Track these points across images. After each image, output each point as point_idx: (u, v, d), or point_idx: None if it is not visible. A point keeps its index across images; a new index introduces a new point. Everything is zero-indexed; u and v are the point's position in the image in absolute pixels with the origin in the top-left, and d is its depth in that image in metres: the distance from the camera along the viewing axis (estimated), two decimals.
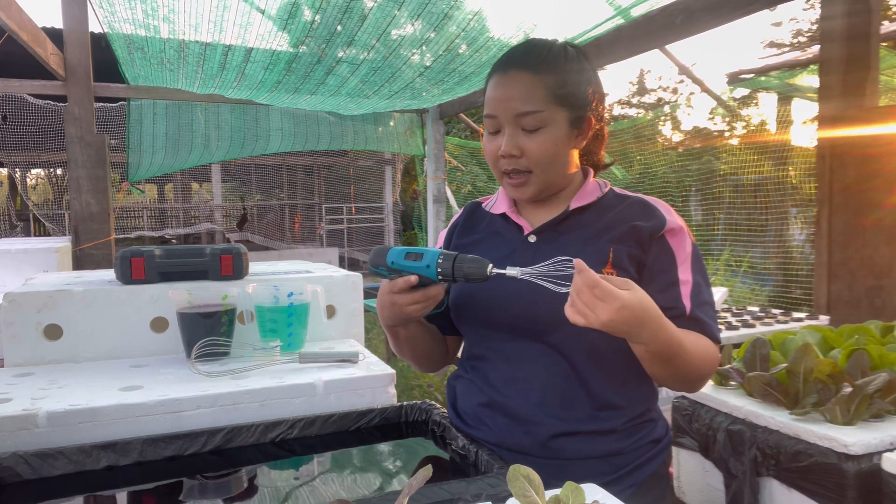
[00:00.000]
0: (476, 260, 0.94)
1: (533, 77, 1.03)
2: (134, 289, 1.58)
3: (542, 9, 3.16)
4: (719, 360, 1.07)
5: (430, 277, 0.98)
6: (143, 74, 3.97)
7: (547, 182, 1.07)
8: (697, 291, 1.04)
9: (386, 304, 1.05)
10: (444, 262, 0.96)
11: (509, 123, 1.04)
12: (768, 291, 5.31)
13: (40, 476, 1.01)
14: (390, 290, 1.03)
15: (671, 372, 0.98)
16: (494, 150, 1.07)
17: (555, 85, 1.04)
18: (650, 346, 0.92)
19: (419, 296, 1.01)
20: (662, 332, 0.92)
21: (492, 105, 1.06)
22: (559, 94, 1.04)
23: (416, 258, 0.99)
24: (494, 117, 1.06)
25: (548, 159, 1.05)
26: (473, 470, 1.00)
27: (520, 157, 1.04)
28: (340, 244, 13.10)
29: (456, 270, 0.95)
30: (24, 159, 10.83)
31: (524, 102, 1.03)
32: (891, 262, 2.06)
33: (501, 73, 1.06)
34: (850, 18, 2.18)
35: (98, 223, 3.94)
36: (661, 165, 6.92)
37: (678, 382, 1.02)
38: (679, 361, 0.96)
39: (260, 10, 3.13)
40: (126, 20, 3.06)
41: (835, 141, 2.22)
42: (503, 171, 1.08)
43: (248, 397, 1.27)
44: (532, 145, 1.03)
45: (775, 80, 6.10)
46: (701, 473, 1.54)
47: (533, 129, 1.03)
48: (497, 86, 1.06)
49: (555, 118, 1.04)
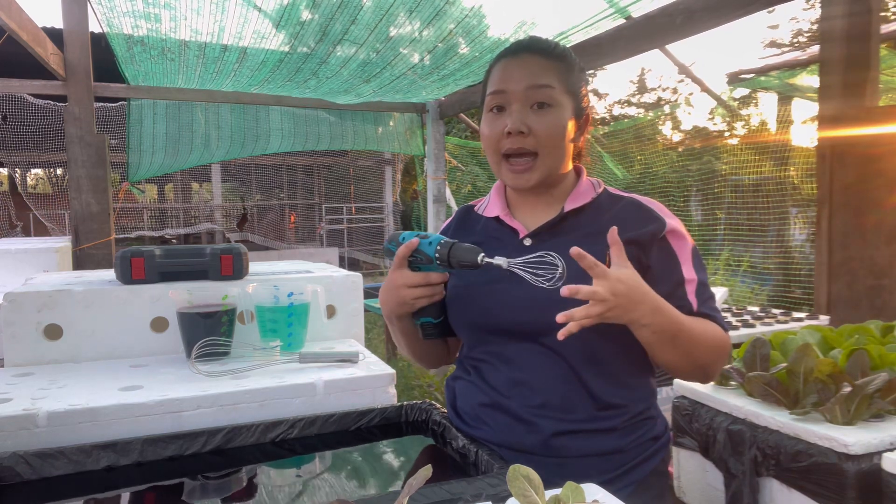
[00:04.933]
0: (470, 248, 0.98)
1: (545, 60, 1.05)
2: (134, 289, 1.58)
3: (542, 7, 3.17)
4: (730, 348, 1.07)
5: (430, 255, 1.02)
6: (143, 71, 3.97)
7: (550, 169, 1.06)
8: (702, 289, 1.05)
9: (389, 284, 1.07)
10: (443, 245, 1.00)
11: (519, 98, 1.03)
12: (768, 291, 5.31)
13: (40, 476, 1.01)
14: (392, 268, 1.06)
15: (680, 354, 0.97)
16: (498, 130, 1.05)
17: (565, 71, 1.05)
18: (653, 323, 0.91)
19: (419, 277, 1.03)
20: (661, 307, 0.93)
21: (501, 80, 1.05)
22: (568, 82, 1.05)
23: (423, 237, 1.05)
24: (503, 92, 1.04)
25: (554, 140, 1.04)
26: (473, 470, 1.00)
27: (527, 136, 1.03)
28: (340, 244, 13.10)
29: (451, 255, 0.99)
30: (24, 159, 10.84)
31: (538, 76, 1.03)
32: (891, 262, 2.06)
33: (511, 56, 1.06)
34: (850, 18, 2.18)
35: (98, 223, 3.94)
36: (662, 165, 6.92)
37: (691, 366, 1.01)
38: (685, 340, 0.96)
39: (257, 7, 3.13)
40: (126, 13, 3.06)
41: (835, 141, 2.22)
42: (505, 155, 1.06)
43: (248, 397, 1.27)
44: (540, 124, 1.03)
45: (775, 80, 6.10)
46: (701, 473, 1.54)
47: (542, 106, 1.03)
48: (507, 66, 1.06)
49: (563, 101, 1.04)
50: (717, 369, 1.05)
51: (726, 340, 1.04)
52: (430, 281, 1.04)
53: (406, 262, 1.05)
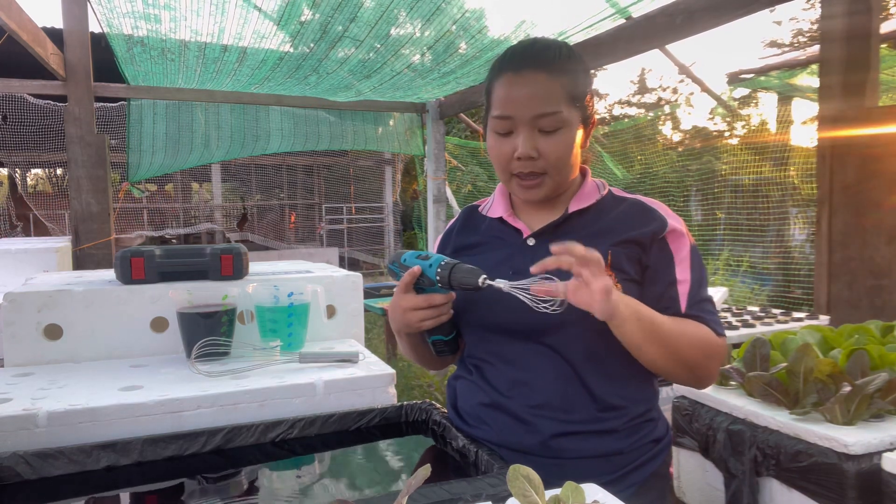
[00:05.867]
0: (471, 270, 0.97)
1: (549, 78, 1.02)
2: (134, 289, 1.58)
3: (542, 7, 3.17)
4: (724, 351, 1.05)
5: (431, 278, 1.02)
6: (143, 71, 3.97)
7: (559, 183, 1.07)
8: (695, 290, 1.04)
9: (395, 306, 1.08)
10: (443, 267, 1.00)
11: (526, 125, 1.02)
12: (768, 291, 5.31)
13: (40, 476, 1.01)
14: (397, 291, 1.07)
15: (661, 350, 0.97)
16: (508, 153, 1.04)
17: (569, 85, 1.03)
18: (625, 314, 0.92)
19: (422, 300, 1.04)
20: (627, 299, 0.94)
21: (506, 105, 1.03)
22: (573, 95, 1.03)
23: (424, 259, 1.05)
24: (509, 118, 1.03)
25: (563, 161, 1.04)
26: (473, 470, 1.00)
27: (536, 159, 1.03)
28: (340, 244, 13.09)
29: (452, 277, 0.99)
30: (24, 159, 10.83)
31: (543, 103, 1.01)
32: (891, 262, 2.06)
33: (513, 72, 1.03)
34: (850, 18, 2.18)
35: (98, 223, 3.94)
36: (662, 165, 6.93)
37: (677, 366, 1.00)
38: (663, 336, 0.96)
39: (257, 8, 3.13)
40: (126, 13, 3.06)
41: (835, 141, 2.22)
42: (514, 174, 1.06)
43: (248, 397, 1.27)
44: (549, 147, 1.02)
45: (775, 80, 6.10)
46: (701, 473, 1.54)
47: (550, 131, 1.02)
48: (510, 85, 1.03)
49: (570, 119, 1.03)
50: (707, 372, 1.03)
51: (716, 342, 1.02)
52: (434, 303, 1.04)
53: (410, 286, 1.05)
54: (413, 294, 1.05)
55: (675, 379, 1.04)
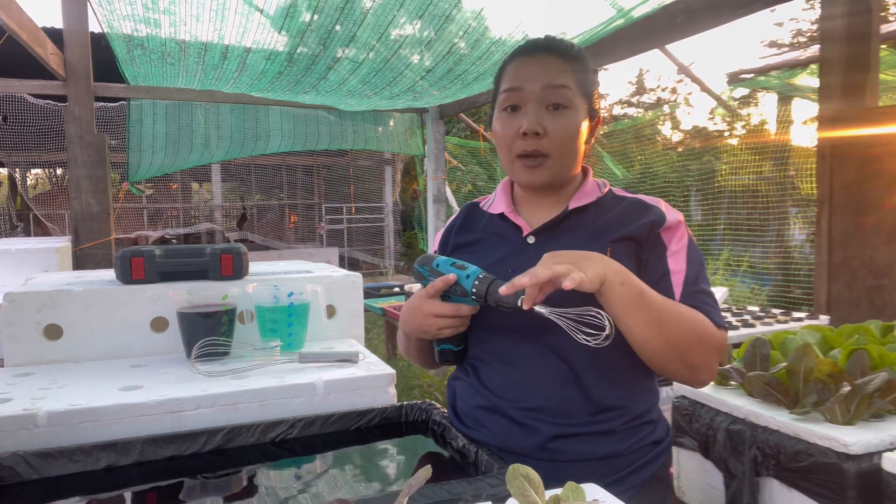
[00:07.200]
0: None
1: (561, 60, 1.04)
2: (134, 289, 1.58)
3: (543, 9, 3.17)
4: (723, 343, 1.02)
5: (466, 289, 0.99)
6: (143, 72, 3.97)
7: (561, 169, 1.06)
8: (691, 281, 1.02)
9: (416, 308, 1.06)
10: (482, 280, 0.97)
11: (534, 98, 1.03)
12: (768, 291, 5.31)
13: (40, 476, 1.01)
14: (425, 293, 1.04)
15: (653, 330, 0.93)
16: (513, 130, 1.04)
17: (580, 73, 1.05)
18: (606, 273, 0.90)
19: (449, 309, 1.02)
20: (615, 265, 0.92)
21: (516, 78, 1.04)
22: (583, 83, 1.05)
23: (461, 268, 1.01)
24: (519, 89, 1.03)
25: (568, 143, 1.04)
26: (473, 470, 1.00)
27: (541, 137, 1.03)
28: (340, 244, 13.09)
29: (489, 293, 0.95)
30: (24, 159, 10.83)
31: (554, 76, 1.02)
32: (891, 262, 2.06)
33: (527, 55, 1.05)
34: (850, 18, 2.18)
35: (98, 223, 3.94)
36: (662, 165, 6.93)
37: (670, 349, 0.95)
38: (650, 306, 0.93)
39: (258, 9, 3.13)
40: (126, 16, 3.06)
41: (835, 141, 2.22)
42: (518, 155, 1.06)
43: (248, 397, 1.27)
44: (555, 126, 1.02)
45: (775, 80, 6.10)
46: (701, 473, 1.54)
47: (558, 107, 1.02)
48: (522, 64, 1.05)
49: (578, 103, 1.04)
50: (702, 361, 0.98)
51: (713, 330, 0.99)
52: (460, 313, 1.02)
53: (440, 293, 1.03)
54: (439, 301, 1.03)
55: (669, 369, 0.98)
